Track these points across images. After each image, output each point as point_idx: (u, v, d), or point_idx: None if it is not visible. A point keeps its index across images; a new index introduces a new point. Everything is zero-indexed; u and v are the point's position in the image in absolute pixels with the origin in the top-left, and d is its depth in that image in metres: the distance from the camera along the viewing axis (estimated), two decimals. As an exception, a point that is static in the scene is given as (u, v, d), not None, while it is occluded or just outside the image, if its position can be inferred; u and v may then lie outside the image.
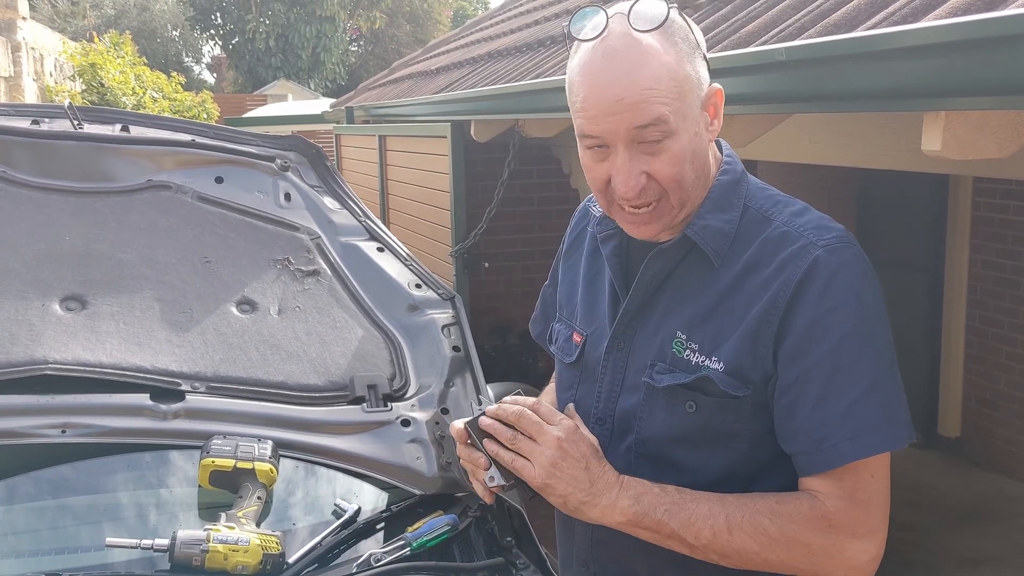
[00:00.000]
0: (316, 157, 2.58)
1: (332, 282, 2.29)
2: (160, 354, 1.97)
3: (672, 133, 1.19)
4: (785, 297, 1.19)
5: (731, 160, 1.32)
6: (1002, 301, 5.08)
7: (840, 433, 1.17)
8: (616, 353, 1.34)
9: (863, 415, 1.17)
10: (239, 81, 27.70)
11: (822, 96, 1.81)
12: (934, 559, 4.21)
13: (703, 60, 1.24)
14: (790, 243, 1.22)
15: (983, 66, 1.42)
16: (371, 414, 2.00)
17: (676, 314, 1.28)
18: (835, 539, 1.19)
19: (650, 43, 1.18)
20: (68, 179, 2.29)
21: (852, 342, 1.18)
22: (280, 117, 15.19)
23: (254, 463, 1.78)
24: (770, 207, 1.28)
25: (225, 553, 1.60)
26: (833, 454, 1.18)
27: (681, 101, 1.19)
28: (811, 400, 1.18)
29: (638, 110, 1.18)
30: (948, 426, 5.47)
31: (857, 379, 1.18)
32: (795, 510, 1.19)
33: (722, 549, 1.20)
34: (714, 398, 1.23)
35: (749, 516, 1.19)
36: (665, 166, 1.20)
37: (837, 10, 1.94)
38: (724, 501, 1.21)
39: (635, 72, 1.18)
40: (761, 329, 1.20)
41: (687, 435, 1.27)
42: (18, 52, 10.24)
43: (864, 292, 1.20)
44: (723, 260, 1.26)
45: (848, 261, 1.20)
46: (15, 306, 1.97)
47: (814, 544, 1.19)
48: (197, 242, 2.25)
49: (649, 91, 1.17)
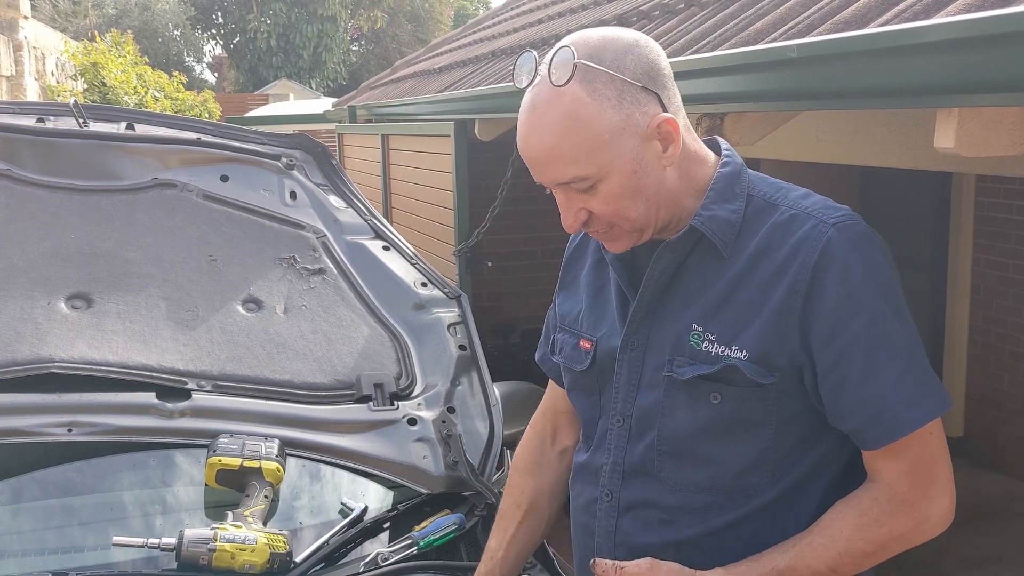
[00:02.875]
0: (321, 155, 2.57)
1: (338, 280, 2.28)
2: (166, 352, 1.97)
3: (599, 180, 1.21)
4: (805, 279, 1.19)
5: (730, 153, 1.33)
6: (1005, 300, 5.08)
7: (897, 404, 1.19)
8: (631, 352, 1.33)
9: (914, 382, 1.20)
10: (240, 81, 27.70)
11: (834, 93, 1.80)
12: (937, 559, 4.20)
13: (643, 92, 1.21)
14: (800, 224, 1.23)
15: (997, 63, 1.41)
16: (377, 413, 2.00)
17: (690, 307, 1.28)
18: (917, 513, 1.22)
19: (568, 97, 1.19)
20: (73, 177, 2.28)
21: (884, 314, 1.19)
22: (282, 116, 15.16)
23: (261, 462, 1.77)
24: (774, 193, 1.29)
25: (232, 552, 1.59)
26: (893, 425, 1.19)
27: (602, 152, 1.20)
28: (858, 377, 1.19)
29: (554, 169, 1.22)
30: (951, 425, 5.46)
31: (898, 349, 1.20)
32: (882, 514, 1.22)
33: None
34: (740, 388, 1.23)
35: (846, 550, 1.22)
36: (601, 205, 1.23)
37: (847, 7, 1.93)
38: (814, 548, 1.23)
39: (547, 133, 1.20)
40: (783, 313, 1.21)
41: (711, 427, 1.26)
42: (20, 51, 10.23)
43: (882, 264, 1.22)
44: (731, 250, 1.26)
45: (860, 236, 1.22)
46: (21, 304, 1.97)
47: (904, 531, 1.23)
48: (203, 240, 2.24)
49: (560, 155, 1.20)
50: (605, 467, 1.36)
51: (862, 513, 1.22)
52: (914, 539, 1.24)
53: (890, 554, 1.25)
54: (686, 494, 1.30)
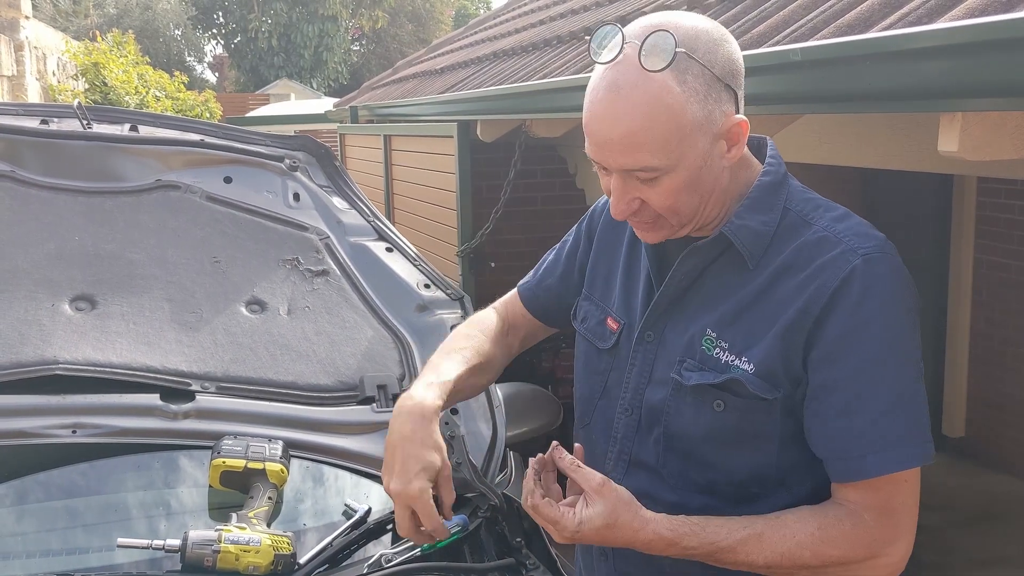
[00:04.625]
0: (325, 157, 2.58)
1: (341, 282, 2.28)
2: (170, 354, 1.97)
3: (666, 172, 1.19)
4: (820, 304, 1.18)
5: (774, 163, 1.30)
6: (1007, 302, 5.08)
7: (866, 445, 1.18)
8: (646, 345, 1.33)
9: (892, 428, 1.18)
10: (241, 80, 27.71)
11: (837, 97, 1.81)
12: (942, 560, 4.20)
13: (727, 90, 1.20)
14: (828, 248, 1.21)
15: (1000, 67, 1.42)
16: (381, 414, 2.00)
17: (708, 312, 1.27)
18: (875, 550, 1.20)
19: (657, 83, 1.15)
20: (77, 179, 2.28)
21: (883, 356, 1.18)
22: (283, 116, 15.18)
23: (265, 463, 1.77)
24: (810, 211, 1.26)
25: (236, 553, 1.59)
26: (859, 465, 1.18)
27: (680, 145, 1.17)
28: (837, 409, 1.18)
29: (627, 154, 1.19)
30: (953, 426, 5.46)
31: (885, 392, 1.18)
32: (840, 535, 1.20)
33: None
34: (743, 399, 1.23)
35: (789, 553, 1.20)
36: (658, 197, 1.22)
37: (850, 10, 1.94)
38: (761, 541, 1.21)
39: (630, 118, 1.16)
40: (792, 332, 1.20)
41: (714, 434, 1.26)
42: (21, 51, 10.24)
43: (899, 306, 1.19)
44: (758, 261, 1.25)
45: (886, 273, 1.19)
46: (25, 306, 1.97)
47: (852, 561, 1.21)
48: (206, 242, 2.25)
49: (639, 141, 1.17)
50: (611, 455, 1.37)
51: (822, 527, 1.20)
52: (858, 572, 1.22)
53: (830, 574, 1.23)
54: (686, 493, 1.30)
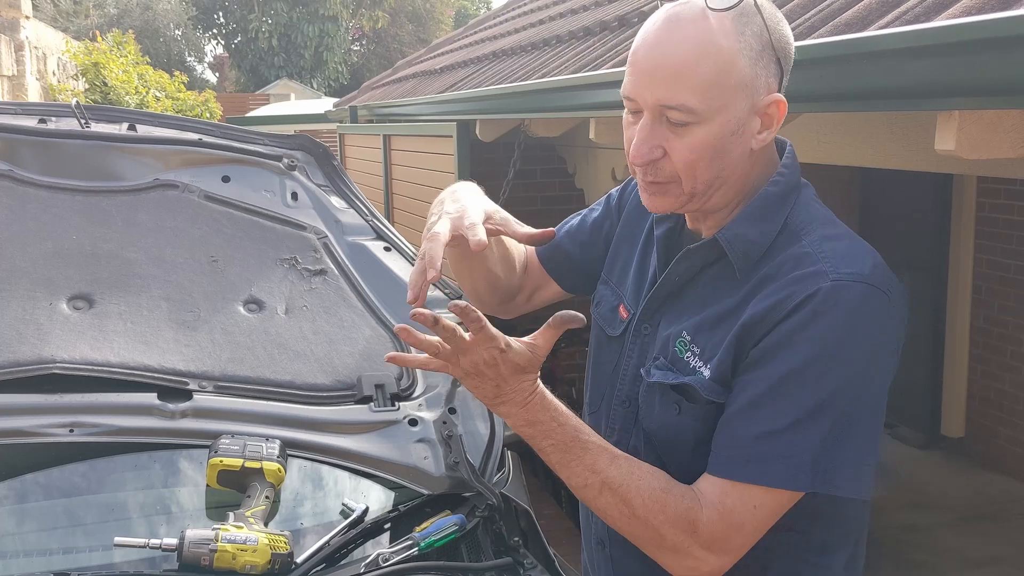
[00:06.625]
0: (323, 156, 2.58)
1: (339, 281, 2.28)
2: (167, 353, 1.97)
3: (700, 122, 1.14)
4: (777, 316, 1.14)
5: (786, 172, 1.25)
6: (1006, 301, 5.08)
7: (737, 447, 1.15)
8: (643, 337, 1.33)
9: (769, 444, 1.13)
10: (241, 80, 27.72)
11: (835, 96, 1.80)
12: (938, 560, 4.21)
13: (775, 65, 1.17)
14: (806, 265, 1.16)
15: (997, 66, 1.41)
16: (378, 413, 2.00)
17: (693, 314, 1.26)
18: (690, 543, 1.16)
19: (716, 24, 1.12)
20: (75, 178, 2.28)
21: (805, 378, 1.12)
22: (283, 116, 15.18)
23: (262, 462, 1.77)
24: (807, 224, 1.21)
25: (234, 553, 1.59)
26: (725, 463, 1.16)
27: (722, 94, 1.13)
28: (738, 405, 1.17)
29: (669, 88, 1.14)
30: (952, 426, 5.47)
31: (784, 411, 1.13)
32: (672, 503, 1.17)
33: (588, 501, 1.22)
34: (698, 404, 1.22)
35: (626, 487, 1.18)
36: (683, 150, 1.16)
37: (847, 9, 1.94)
38: (615, 462, 1.20)
39: (682, 49, 1.13)
40: (745, 338, 1.17)
41: (675, 435, 1.25)
42: (21, 51, 10.24)
43: (854, 337, 1.13)
44: (748, 272, 1.22)
45: (852, 300, 1.12)
46: (22, 305, 1.97)
47: (668, 538, 1.17)
48: (204, 241, 2.25)
49: (686, 75, 1.12)
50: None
51: (665, 491, 1.18)
52: (663, 556, 1.20)
53: (634, 538, 1.21)
54: None
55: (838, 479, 1.14)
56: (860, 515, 1.30)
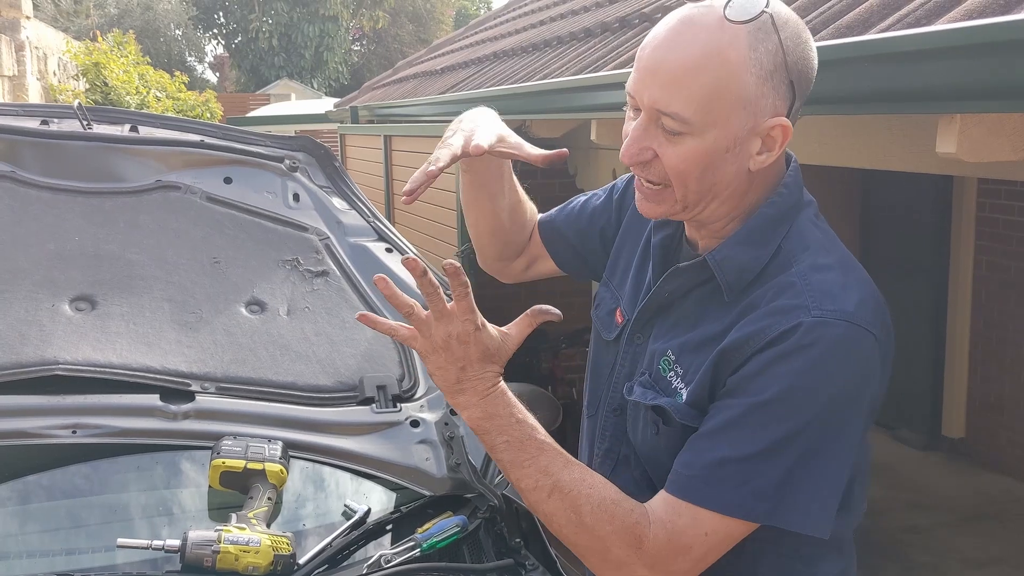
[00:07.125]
0: (325, 158, 2.58)
1: (341, 283, 2.28)
2: (170, 354, 1.97)
3: (693, 133, 1.11)
4: (755, 346, 1.12)
5: (785, 192, 1.21)
6: (1007, 303, 5.08)
7: (695, 467, 1.14)
8: (635, 347, 1.33)
9: (728, 472, 1.12)
10: (242, 80, 27.72)
11: (836, 98, 1.81)
12: (939, 560, 4.21)
13: (787, 88, 1.12)
14: (789, 296, 1.13)
15: (999, 69, 1.42)
16: (380, 415, 2.00)
17: (681, 333, 1.24)
18: (633, 560, 1.14)
19: (728, 35, 1.08)
20: (77, 179, 2.28)
21: (775, 411, 1.10)
22: (283, 116, 15.19)
23: (264, 464, 1.78)
24: (799, 251, 1.18)
25: (236, 554, 1.59)
26: (685, 484, 1.14)
27: (719, 107, 1.10)
28: (706, 429, 1.15)
29: (665, 92, 1.11)
30: (953, 427, 5.47)
31: (753, 441, 1.11)
32: (621, 515, 1.15)
33: (534, 505, 1.20)
34: (674, 428, 1.20)
35: (576, 492, 1.16)
36: (673, 158, 1.13)
37: (849, 12, 1.94)
38: (568, 467, 1.18)
39: (687, 54, 1.09)
40: (722, 365, 1.15)
41: (655, 454, 1.25)
42: (22, 51, 10.23)
43: (830, 376, 1.10)
44: (736, 296, 1.19)
45: (831, 338, 1.10)
46: (25, 306, 1.97)
47: (612, 551, 1.15)
48: (206, 242, 2.25)
49: (685, 81, 1.09)
50: (599, 451, 1.38)
51: (615, 502, 1.16)
52: (605, 571, 1.18)
53: (578, 549, 1.19)
54: None
55: (793, 515, 1.12)
56: (848, 532, 1.29)
